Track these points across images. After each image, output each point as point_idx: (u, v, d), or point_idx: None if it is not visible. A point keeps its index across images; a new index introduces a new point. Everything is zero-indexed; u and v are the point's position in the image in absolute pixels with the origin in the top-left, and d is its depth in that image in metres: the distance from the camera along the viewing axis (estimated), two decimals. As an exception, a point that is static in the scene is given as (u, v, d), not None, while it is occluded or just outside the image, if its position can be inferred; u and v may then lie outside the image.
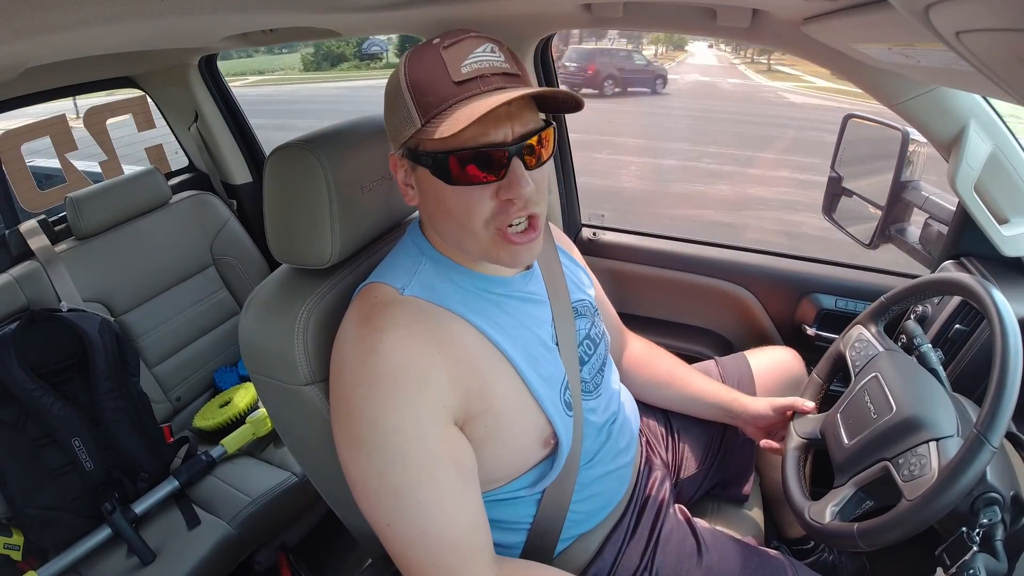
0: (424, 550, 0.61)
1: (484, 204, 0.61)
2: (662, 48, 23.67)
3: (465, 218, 0.62)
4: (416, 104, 0.59)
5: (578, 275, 0.88)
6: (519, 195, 0.60)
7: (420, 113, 0.59)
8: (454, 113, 0.57)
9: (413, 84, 0.60)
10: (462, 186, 0.60)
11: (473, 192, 0.61)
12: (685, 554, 0.83)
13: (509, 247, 0.64)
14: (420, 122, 0.59)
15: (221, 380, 1.64)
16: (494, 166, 0.59)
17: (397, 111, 0.62)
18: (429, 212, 0.68)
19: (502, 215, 0.62)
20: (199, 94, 1.77)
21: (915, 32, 0.47)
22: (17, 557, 1.18)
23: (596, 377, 0.82)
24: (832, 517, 0.70)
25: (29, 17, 0.60)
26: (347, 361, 0.63)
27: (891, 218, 1.12)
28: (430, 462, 0.61)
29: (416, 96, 0.59)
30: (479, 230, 0.63)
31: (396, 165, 0.67)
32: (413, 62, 0.61)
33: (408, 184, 0.67)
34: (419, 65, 0.60)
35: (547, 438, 0.71)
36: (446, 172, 0.60)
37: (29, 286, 1.33)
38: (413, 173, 0.65)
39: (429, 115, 0.59)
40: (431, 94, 0.59)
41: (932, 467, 0.63)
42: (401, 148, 0.64)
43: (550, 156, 0.65)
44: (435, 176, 0.61)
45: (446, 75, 0.58)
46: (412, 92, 0.60)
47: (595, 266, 1.53)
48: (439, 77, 0.59)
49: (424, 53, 0.61)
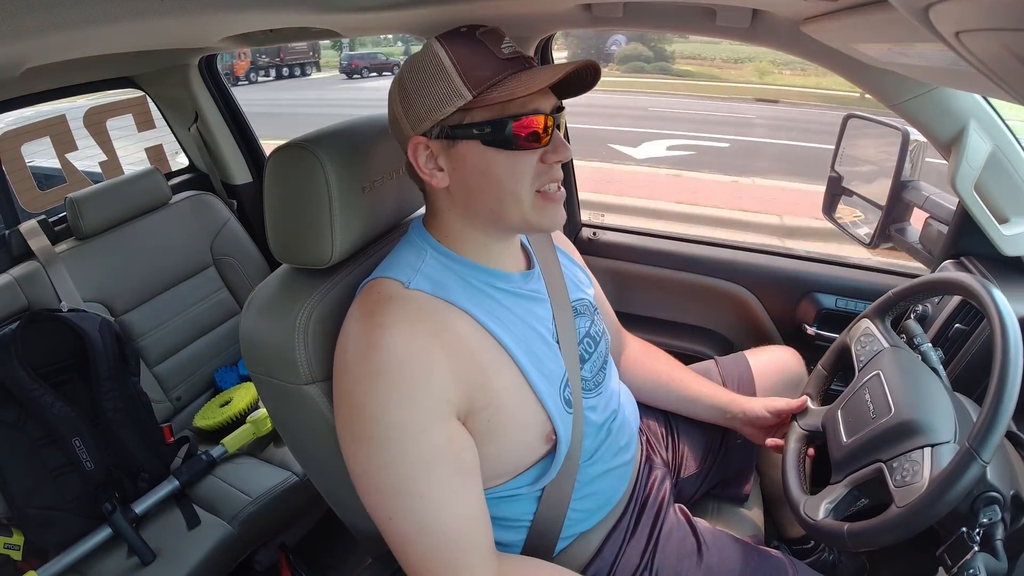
0: (425, 544, 0.62)
1: (531, 166, 0.66)
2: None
3: (514, 182, 0.66)
4: (465, 78, 0.63)
5: (577, 274, 0.88)
6: (564, 156, 0.67)
7: (470, 85, 0.63)
8: (513, 81, 0.63)
9: (460, 61, 0.63)
10: (516, 151, 0.65)
11: (524, 156, 0.66)
12: (685, 553, 0.83)
13: (548, 207, 0.69)
14: (472, 93, 0.62)
15: (221, 380, 1.64)
16: (543, 131, 0.65)
17: (432, 90, 0.64)
18: (466, 188, 0.68)
19: (545, 176, 0.67)
20: (199, 94, 1.77)
21: (915, 32, 0.47)
22: (17, 557, 1.18)
23: (597, 375, 0.82)
24: (826, 514, 0.70)
25: (29, 17, 0.60)
26: (351, 356, 0.64)
27: (891, 217, 1.12)
28: (432, 456, 0.62)
29: (464, 71, 0.63)
30: (525, 192, 0.67)
31: (418, 149, 0.67)
32: (452, 44, 0.65)
33: (435, 168, 0.68)
34: (460, 47, 0.65)
35: (548, 434, 0.72)
36: (504, 137, 0.64)
37: (29, 286, 1.33)
38: (447, 152, 0.66)
39: (482, 86, 0.63)
40: (482, 68, 0.63)
41: (924, 475, 0.63)
42: (436, 127, 0.65)
43: (564, 131, 0.72)
44: (487, 144, 0.64)
45: (491, 53, 0.64)
46: (459, 67, 0.63)
47: (595, 266, 1.53)
48: (486, 54, 0.64)
49: (460, 38, 0.66)
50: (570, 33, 10.70)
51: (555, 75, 0.61)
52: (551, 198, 0.68)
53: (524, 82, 0.62)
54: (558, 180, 0.69)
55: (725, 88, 13.09)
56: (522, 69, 0.64)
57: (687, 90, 12.85)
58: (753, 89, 12.90)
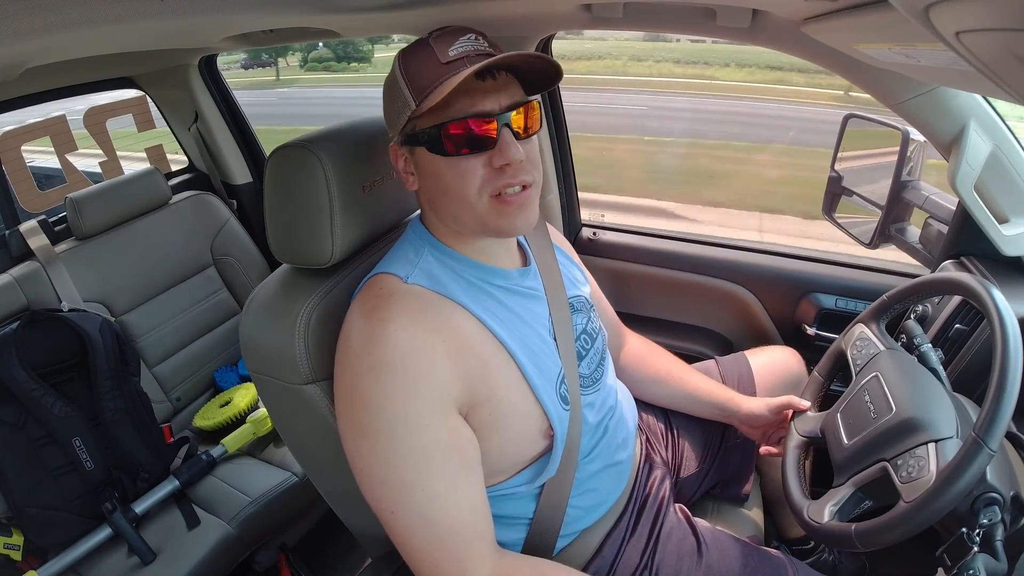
0: (427, 537, 0.62)
1: (478, 171, 0.65)
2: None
3: (461, 187, 0.65)
4: (410, 88, 0.63)
5: (573, 271, 0.89)
6: (509, 159, 0.63)
7: (414, 95, 0.63)
8: (443, 85, 0.61)
9: (406, 71, 0.64)
10: (457, 156, 0.64)
11: (467, 161, 0.64)
12: (685, 553, 0.83)
13: (505, 209, 0.66)
14: (414, 102, 0.63)
15: (221, 380, 1.64)
16: (485, 135, 0.63)
17: (394, 100, 0.66)
18: (428, 193, 0.70)
19: (496, 180, 0.65)
20: (199, 94, 1.77)
21: (915, 32, 0.47)
22: (17, 557, 1.18)
23: (595, 372, 0.83)
24: (831, 517, 0.70)
25: (29, 18, 0.60)
26: (353, 351, 0.64)
27: (891, 217, 1.12)
28: (434, 450, 0.62)
29: (409, 81, 0.64)
30: (474, 197, 0.65)
31: (396, 155, 0.70)
32: (406, 55, 0.66)
33: (408, 171, 0.70)
34: (411, 56, 0.66)
35: (545, 430, 0.72)
36: (440, 144, 0.64)
37: (29, 286, 1.33)
38: (412, 157, 0.69)
39: (422, 94, 0.62)
40: (423, 76, 0.63)
41: (930, 469, 0.63)
42: (400, 135, 0.67)
43: (538, 128, 0.69)
44: (431, 152, 0.65)
45: (435, 58, 0.63)
46: (406, 78, 0.64)
47: (595, 266, 1.54)
48: (429, 60, 0.64)
49: (416, 46, 0.66)
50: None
51: (465, 72, 0.59)
52: (508, 201, 0.65)
53: (446, 85, 0.60)
54: (515, 184, 0.65)
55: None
56: (460, 71, 0.61)
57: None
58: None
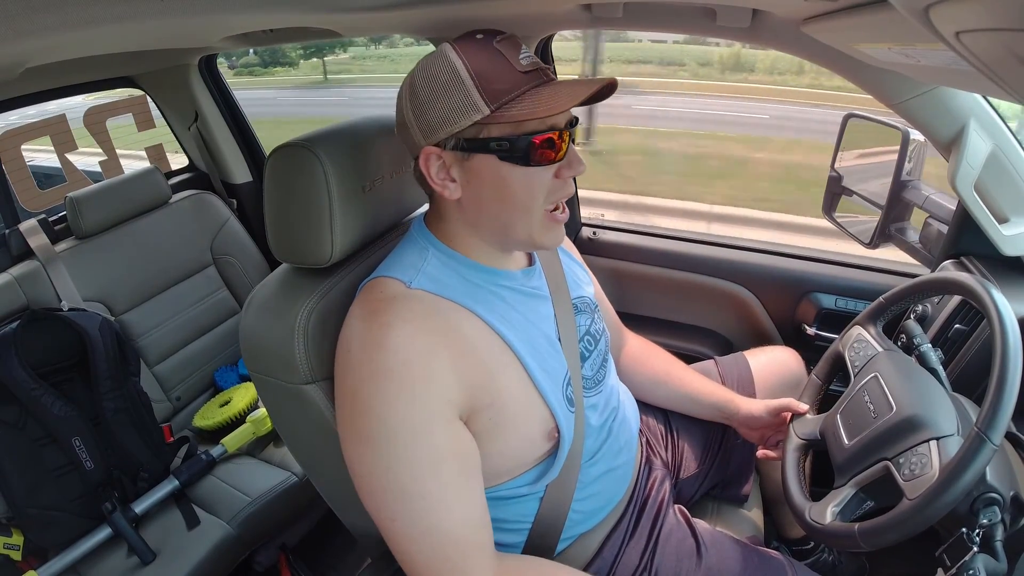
0: (428, 545, 0.62)
1: (546, 182, 0.66)
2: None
3: (528, 198, 0.65)
4: (483, 91, 0.60)
5: (576, 272, 0.88)
6: (578, 170, 0.67)
7: (488, 99, 0.60)
8: (533, 96, 0.61)
9: (477, 72, 0.61)
10: (533, 167, 0.64)
11: (540, 171, 0.65)
12: (685, 554, 0.83)
13: (554, 227, 0.69)
14: (490, 108, 0.60)
15: (221, 380, 1.64)
16: (559, 147, 0.65)
17: (446, 101, 0.62)
18: (478, 202, 0.67)
19: (558, 191, 0.67)
20: (199, 94, 1.77)
21: (915, 32, 0.47)
22: (17, 557, 1.18)
23: (598, 373, 0.82)
24: (833, 518, 0.70)
25: (29, 17, 0.60)
26: (353, 356, 0.63)
27: (891, 217, 1.12)
28: (436, 457, 0.61)
29: (482, 83, 0.61)
30: (537, 208, 0.67)
31: (430, 160, 0.65)
32: (468, 53, 0.62)
33: (447, 179, 0.66)
34: (478, 56, 0.62)
35: (550, 432, 0.72)
36: (522, 154, 0.63)
37: (29, 286, 1.33)
38: (461, 164, 0.65)
39: (500, 101, 0.61)
40: (501, 81, 0.61)
41: (933, 466, 0.63)
42: (451, 139, 0.63)
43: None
44: (504, 160, 0.63)
45: (510, 65, 0.62)
46: (477, 80, 0.61)
47: (595, 265, 1.53)
48: (505, 66, 0.62)
49: (476, 46, 0.63)
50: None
51: (577, 97, 0.60)
52: (557, 219, 0.69)
53: (545, 100, 0.60)
54: (570, 195, 0.69)
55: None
56: (541, 82, 0.63)
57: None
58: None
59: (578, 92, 0.60)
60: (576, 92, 0.60)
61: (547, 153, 0.63)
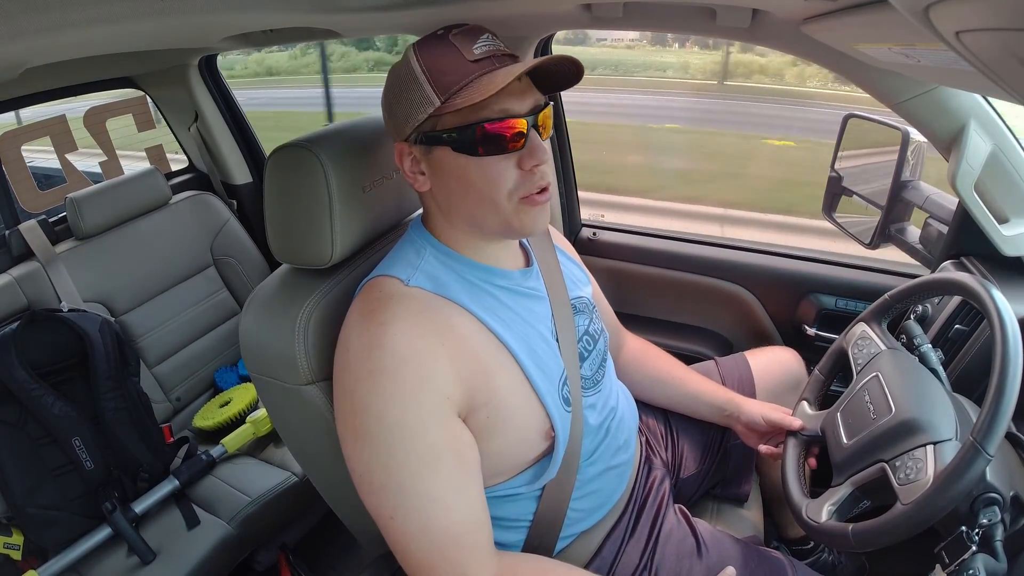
0: (427, 543, 0.62)
1: (508, 173, 0.64)
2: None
3: (490, 190, 0.64)
4: (433, 84, 0.62)
5: (575, 272, 0.88)
6: (540, 160, 0.64)
7: (439, 91, 0.62)
8: (477, 84, 0.60)
9: (428, 67, 0.62)
10: (488, 156, 0.63)
11: (498, 162, 0.64)
12: (685, 553, 0.83)
13: (530, 209, 0.66)
14: (439, 99, 0.61)
15: (221, 380, 1.64)
16: (516, 136, 0.63)
17: (407, 97, 0.64)
18: (445, 193, 0.68)
19: (525, 184, 0.65)
20: (199, 94, 1.77)
21: (915, 32, 0.47)
22: (17, 557, 1.18)
23: (596, 373, 0.83)
24: (829, 516, 0.70)
25: (29, 17, 0.60)
26: (352, 355, 0.64)
27: (891, 217, 1.12)
28: (434, 455, 0.62)
29: (433, 77, 0.62)
30: (503, 201, 0.65)
31: (403, 154, 0.68)
32: (423, 50, 0.64)
33: (417, 171, 0.68)
34: (431, 51, 0.63)
35: (547, 431, 0.72)
36: (471, 144, 0.62)
37: (29, 286, 1.33)
38: (426, 157, 0.67)
39: (449, 92, 0.61)
40: (449, 72, 0.62)
41: (928, 472, 0.63)
42: (413, 134, 0.65)
43: (550, 132, 0.69)
44: (458, 151, 0.63)
45: (461, 56, 0.62)
46: (428, 74, 0.62)
47: (595, 266, 1.54)
48: (455, 57, 0.62)
49: (433, 42, 0.64)
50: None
51: (510, 76, 0.58)
52: (533, 201, 0.66)
53: (484, 85, 0.60)
54: (541, 186, 0.66)
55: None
56: (492, 69, 0.62)
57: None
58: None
59: (511, 72, 0.59)
60: (510, 72, 0.59)
61: (496, 142, 0.62)
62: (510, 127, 0.62)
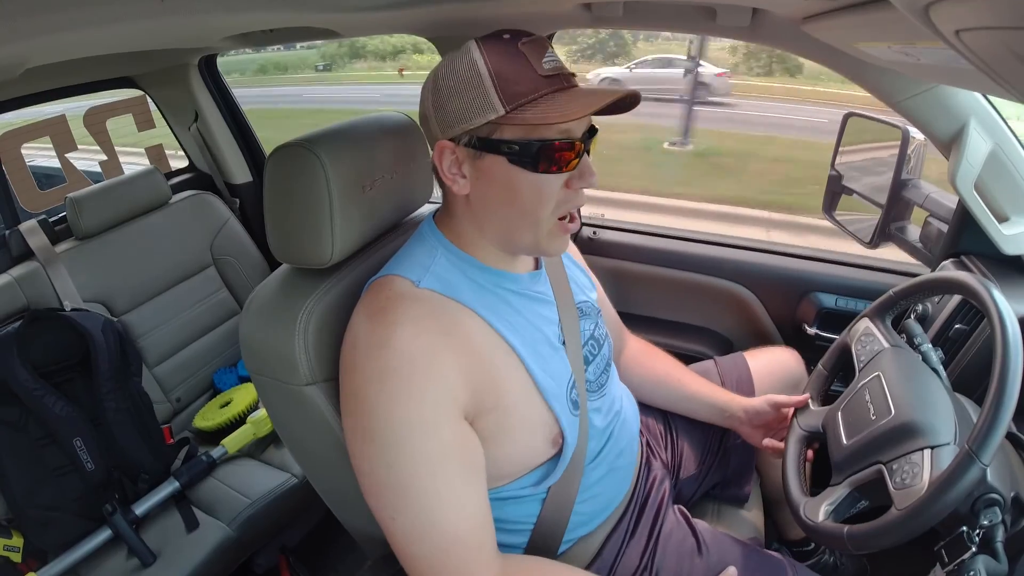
0: (430, 544, 0.61)
1: (556, 191, 0.65)
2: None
3: (535, 205, 0.65)
4: (500, 91, 0.60)
5: (580, 277, 0.88)
6: (590, 183, 0.65)
7: (505, 100, 0.60)
8: (551, 101, 0.60)
9: (497, 71, 0.61)
10: (543, 174, 0.63)
11: (551, 180, 0.64)
12: (685, 554, 0.83)
13: (561, 236, 0.69)
14: (505, 108, 0.60)
15: (220, 381, 1.64)
16: (573, 156, 0.63)
17: (465, 96, 0.62)
18: (485, 201, 0.67)
19: (569, 202, 0.66)
20: (199, 94, 1.77)
21: (915, 31, 0.47)
22: (17, 559, 1.18)
23: (600, 377, 0.82)
24: (826, 516, 0.70)
25: (29, 17, 0.60)
26: (360, 354, 0.63)
27: (891, 216, 1.12)
28: (439, 456, 0.61)
29: (500, 83, 0.60)
30: (545, 217, 0.66)
31: (443, 153, 0.66)
32: (491, 51, 0.62)
33: (459, 174, 0.66)
34: (499, 55, 0.62)
35: (555, 436, 0.71)
36: (532, 159, 0.62)
37: (29, 286, 1.33)
38: (473, 162, 0.65)
39: (517, 102, 0.60)
40: (520, 83, 0.61)
41: (923, 477, 0.62)
42: (466, 135, 0.63)
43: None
44: (513, 163, 0.62)
45: (531, 68, 0.61)
46: (496, 79, 0.61)
47: (595, 265, 1.53)
48: (525, 68, 0.61)
49: (501, 45, 0.63)
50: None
51: (592, 105, 0.59)
52: (565, 228, 0.68)
53: (560, 106, 0.60)
54: (581, 205, 0.68)
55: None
56: (560, 88, 0.62)
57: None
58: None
59: (594, 101, 0.60)
60: (592, 101, 0.60)
61: (558, 162, 0.62)
62: (569, 148, 0.62)
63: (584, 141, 0.64)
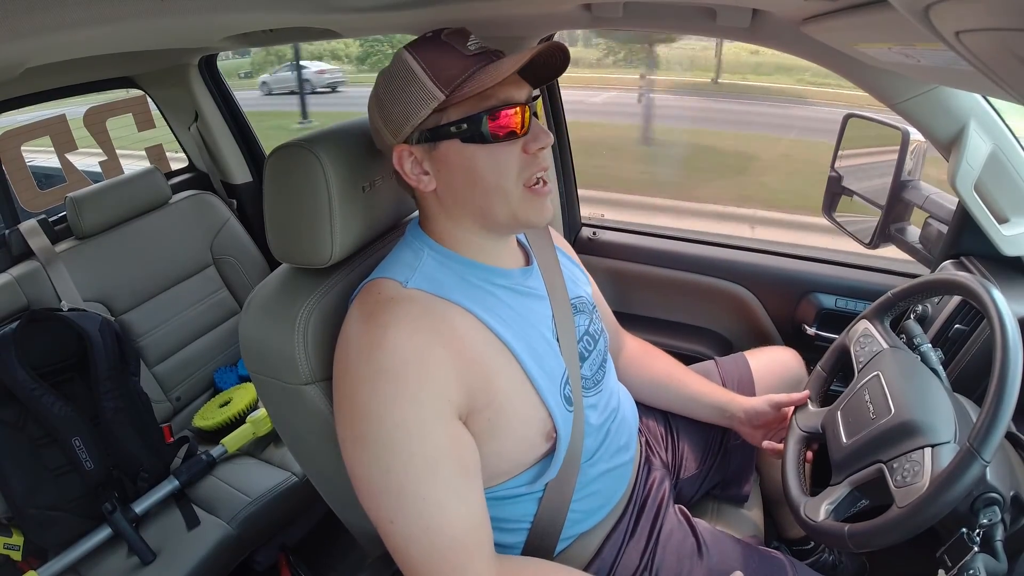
0: (427, 546, 0.61)
1: (514, 158, 0.66)
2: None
3: (498, 176, 0.66)
4: (435, 79, 0.63)
5: (574, 272, 0.88)
6: (545, 141, 0.67)
7: (441, 84, 0.63)
8: (481, 74, 0.63)
9: (428, 64, 0.64)
10: (496, 143, 0.65)
11: (505, 148, 0.66)
12: (685, 554, 0.83)
13: (535, 200, 0.69)
14: (444, 93, 0.63)
15: (221, 380, 1.64)
16: (519, 121, 0.65)
17: (406, 96, 0.65)
18: (452, 189, 0.69)
19: (530, 167, 0.67)
20: (199, 94, 1.77)
21: (915, 32, 0.47)
22: (17, 557, 1.18)
23: (597, 373, 0.82)
24: (826, 515, 0.70)
25: (29, 17, 0.60)
26: (351, 358, 0.63)
27: (891, 217, 1.12)
28: (434, 458, 0.61)
29: (434, 72, 0.64)
30: (511, 187, 0.67)
31: (402, 157, 0.68)
32: (419, 50, 0.66)
33: (421, 172, 0.68)
34: (427, 50, 0.65)
35: (548, 432, 0.72)
36: (481, 132, 0.64)
37: (29, 286, 1.33)
38: (429, 155, 0.67)
39: (453, 84, 0.63)
40: (452, 67, 0.64)
41: (924, 475, 0.63)
42: (416, 132, 0.66)
43: (541, 119, 0.72)
44: (466, 142, 0.65)
45: (458, 52, 0.65)
46: (429, 70, 0.64)
47: (594, 265, 1.54)
48: (453, 53, 0.65)
49: (426, 42, 0.66)
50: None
51: (519, 61, 0.62)
52: (537, 192, 0.69)
53: (491, 73, 0.63)
54: (544, 169, 0.69)
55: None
56: (489, 62, 0.65)
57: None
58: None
59: (519, 58, 0.62)
60: (518, 59, 0.62)
61: (506, 128, 0.65)
62: (516, 113, 0.65)
63: (528, 105, 0.66)
